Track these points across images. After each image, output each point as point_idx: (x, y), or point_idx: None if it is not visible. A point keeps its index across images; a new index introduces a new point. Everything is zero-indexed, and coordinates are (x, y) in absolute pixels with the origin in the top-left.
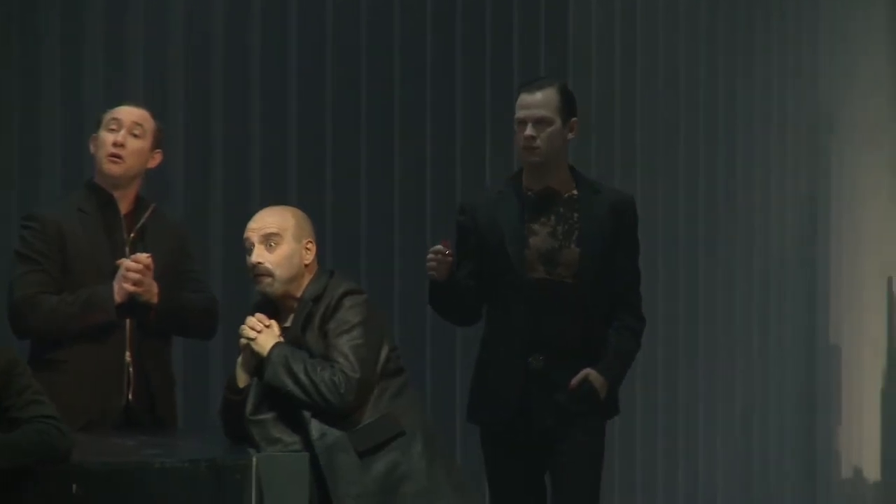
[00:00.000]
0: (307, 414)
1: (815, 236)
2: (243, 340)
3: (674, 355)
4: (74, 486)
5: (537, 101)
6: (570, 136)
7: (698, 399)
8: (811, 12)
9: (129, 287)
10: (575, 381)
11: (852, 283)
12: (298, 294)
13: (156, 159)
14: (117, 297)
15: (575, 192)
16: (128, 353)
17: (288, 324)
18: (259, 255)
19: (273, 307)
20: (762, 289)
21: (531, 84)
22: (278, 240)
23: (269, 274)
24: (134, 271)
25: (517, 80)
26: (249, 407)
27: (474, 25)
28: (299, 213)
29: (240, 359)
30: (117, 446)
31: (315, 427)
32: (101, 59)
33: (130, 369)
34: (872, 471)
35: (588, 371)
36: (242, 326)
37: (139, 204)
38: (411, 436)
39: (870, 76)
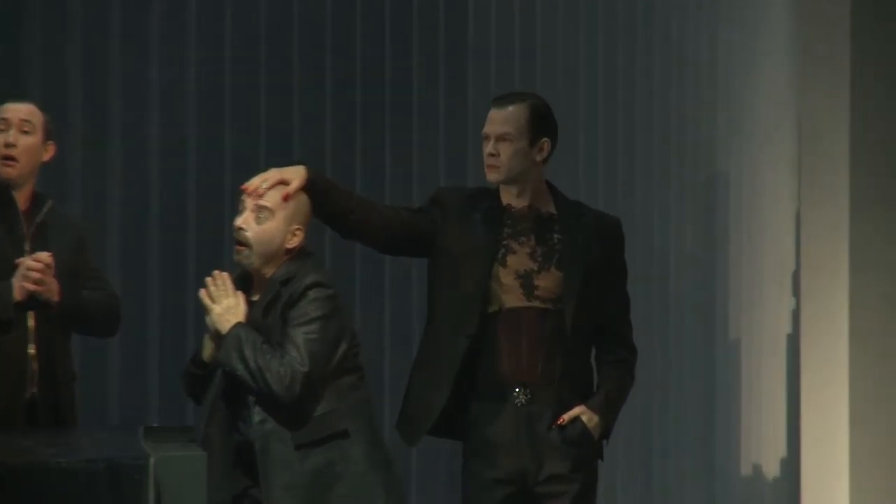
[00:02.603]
0: (251, 398)
1: (715, 233)
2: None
3: None
4: None
5: (502, 118)
6: (538, 157)
7: None
8: (710, 7)
9: (29, 286)
10: (567, 416)
11: (752, 280)
12: (270, 272)
13: (49, 152)
14: (17, 296)
15: (553, 211)
16: (31, 346)
17: (255, 298)
18: (245, 221)
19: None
20: (661, 286)
21: (502, 98)
22: (269, 216)
23: (247, 244)
24: (35, 270)
25: (416, 86)
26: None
27: (373, 28)
28: (303, 196)
29: (207, 333)
30: (13, 445)
31: (257, 412)
32: None
33: (34, 363)
34: (772, 469)
35: (582, 409)
36: (200, 293)
37: (36, 199)
38: (354, 437)
39: (770, 73)
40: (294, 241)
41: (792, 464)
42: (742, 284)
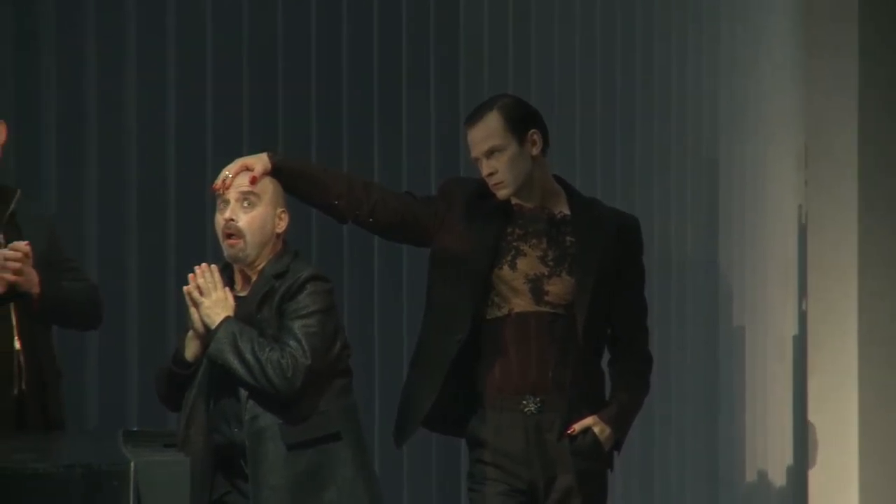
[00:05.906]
0: (244, 394)
1: (718, 232)
2: (191, 302)
3: None
4: None
5: (481, 135)
6: (534, 151)
7: None
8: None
9: (9, 277)
10: (578, 426)
11: (756, 280)
12: (261, 265)
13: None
14: None
15: (566, 211)
16: (17, 341)
17: (243, 293)
18: (233, 211)
19: (231, 275)
20: (662, 287)
21: (471, 118)
22: (255, 201)
23: (241, 235)
24: (13, 260)
25: (405, 76)
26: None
27: (362, 19)
28: (274, 181)
29: (190, 331)
30: None
31: (250, 408)
32: None
33: (21, 357)
34: (778, 476)
35: (594, 420)
36: (187, 287)
37: (2, 189)
38: (345, 440)
39: (775, 65)
40: (282, 226)
41: (799, 471)
42: (746, 285)
